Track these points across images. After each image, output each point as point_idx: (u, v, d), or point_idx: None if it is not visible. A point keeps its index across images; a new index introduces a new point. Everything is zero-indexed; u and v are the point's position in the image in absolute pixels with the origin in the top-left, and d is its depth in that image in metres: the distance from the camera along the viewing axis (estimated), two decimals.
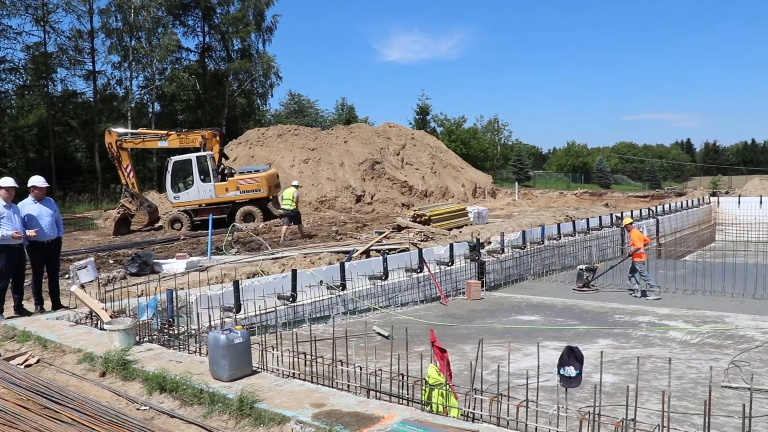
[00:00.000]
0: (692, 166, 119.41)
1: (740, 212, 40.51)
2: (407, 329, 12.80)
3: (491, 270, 18.75)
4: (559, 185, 78.80)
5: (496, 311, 15.66)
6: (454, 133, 77.34)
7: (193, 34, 62.31)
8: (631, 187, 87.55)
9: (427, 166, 42.65)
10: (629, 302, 16.68)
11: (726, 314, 14.95)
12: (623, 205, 43.84)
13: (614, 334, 13.20)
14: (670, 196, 51.21)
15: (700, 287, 17.82)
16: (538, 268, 20.81)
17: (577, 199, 48.82)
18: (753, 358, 11.30)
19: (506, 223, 26.95)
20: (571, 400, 8.52)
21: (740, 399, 9.18)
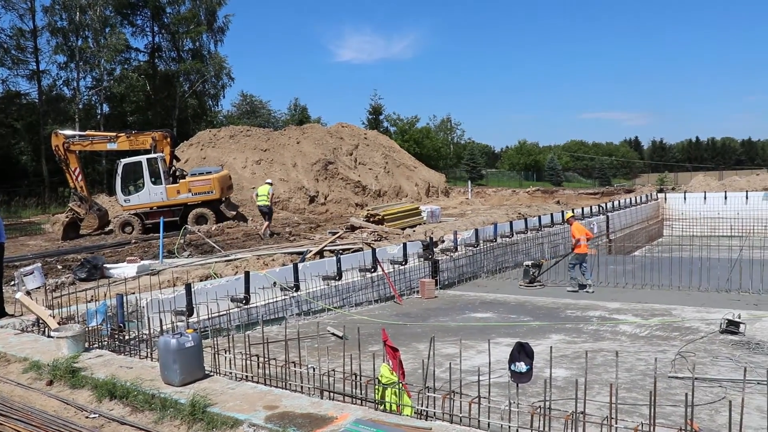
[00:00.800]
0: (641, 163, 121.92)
1: (686, 208, 41.57)
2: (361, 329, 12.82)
3: (445, 268, 18.88)
4: (511, 183, 79.67)
5: (450, 309, 15.77)
6: (408, 132, 77.57)
7: (142, 34, 61.44)
8: (582, 185, 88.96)
9: (380, 165, 42.73)
10: (581, 298, 16.96)
11: (673, 307, 15.31)
12: (574, 202, 44.57)
13: (566, 329, 13.41)
14: (619, 193, 52.25)
15: (648, 281, 18.20)
16: (492, 266, 21.02)
17: (529, 197, 49.46)
18: (698, 348, 11.61)
19: (459, 221, 27.16)
20: (524, 395, 8.65)
21: (686, 389, 9.40)
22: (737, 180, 51.16)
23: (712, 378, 9.82)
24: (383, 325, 13.88)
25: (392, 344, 6.47)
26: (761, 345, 11.75)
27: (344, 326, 12.22)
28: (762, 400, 8.92)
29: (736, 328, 12.49)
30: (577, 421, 5.26)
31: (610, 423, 5.15)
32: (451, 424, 5.68)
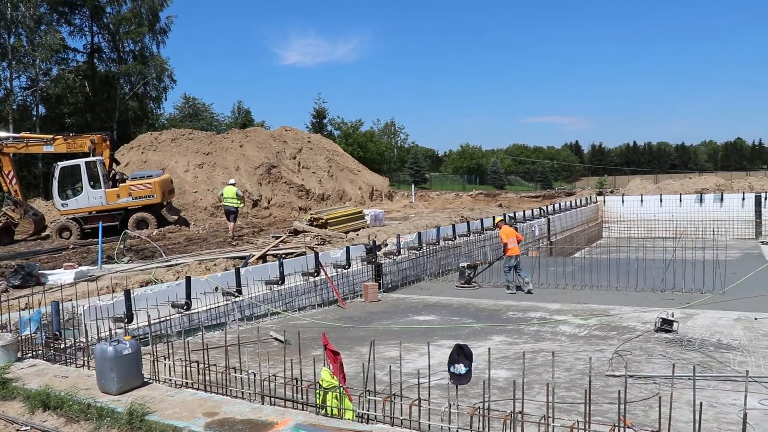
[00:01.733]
0: (581, 167, 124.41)
1: (624, 210, 42.67)
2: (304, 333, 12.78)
3: (388, 272, 18.96)
4: (455, 187, 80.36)
5: (393, 312, 15.84)
6: (351, 136, 77.61)
7: (80, 33, 59.82)
8: (524, 188, 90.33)
9: (323, 169, 42.64)
10: (522, 299, 17.22)
11: (611, 307, 15.68)
12: (516, 205, 45.22)
13: (508, 330, 13.61)
14: (560, 196, 53.22)
15: (588, 282, 18.61)
16: (435, 269, 21.19)
17: (472, 200, 49.99)
18: (634, 347, 11.92)
19: (403, 225, 27.30)
20: (466, 397, 8.76)
21: (623, 386, 9.65)
22: (672, 183, 52.68)
23: (647, 375, 10.09)
24: (327, 329, 13.88)
25: (333, 348, 6.48)
26: (693, 342, 12.14)
27: (286, 331, 12.17)
28: (691, 394, 9.21)
29: (670, 327, 12.87)
30: (515, 421, 5.35)
31: (547, 422, 5.25)
32: (392, 426, 5.72)
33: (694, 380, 5.50)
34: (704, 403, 8.85)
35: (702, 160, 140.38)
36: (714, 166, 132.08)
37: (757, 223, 39.98)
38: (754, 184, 49.15)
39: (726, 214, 40.13)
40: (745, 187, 47.14)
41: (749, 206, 40.52)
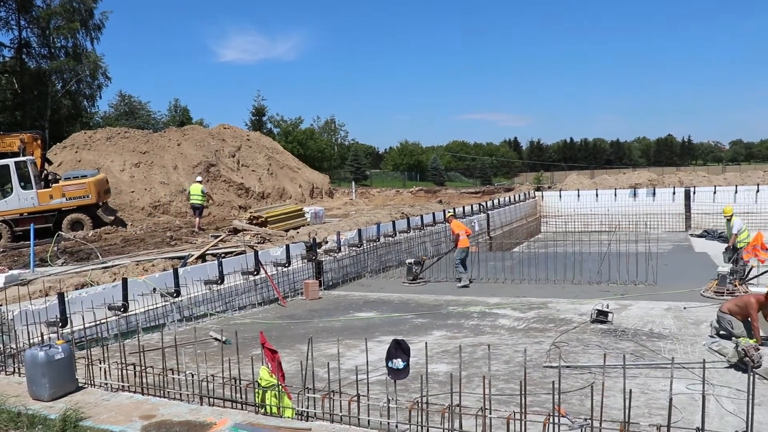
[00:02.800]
0: (519, 163, 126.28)
1: (562, 205, 43.53)
2: (244, 333, 12.69)
3: (329, 269, 18.94)
4: (395, 184, 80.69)
5: (334, 310, 15.84)
6: (291, 134, 77.18)
7: (6, 27, 57.71)
8: (464, 184, 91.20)
9: (263, 167, 42.29)
10: (462, 294, 17.40)
11: (549, 300, 16.00)
12: (456, 201, 45.68)
13: (448, 325, 13.75)
14: (499, 192, 53.97)
15: (526, 276, 18.93)
16: (375, 265, 21.25)
17: (412, 197, 50.27)
18: (571, 338, 12.20)
19: (343, 222, 27.29)
20: (407, 391, 8.81)
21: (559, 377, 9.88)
22: (607, 179, 53.89)
23: (583, 365, 10.34)
24: (267, 328, 13.80)
25: (271, 346, 6.45)
26: (627, 332, 12.49)
27: (224, 330, 12.05)
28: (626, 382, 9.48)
29: (605, 318, 13.21)
30: (453, 414, 5.42)
31: (484, 414, 5.33)
32: (331, 423, 5.74)
33: (624, 369, 5.66)
34: (636, 390, 9.16)
35: (636, 155, 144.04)
36: (647, 161, 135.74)
37: (687, 217, 41.32)
38: (683, 178, 50.70)
39: (658, 207, 41.34)
40: (676, 181, 48.62)
41: (679, 200, 41.83)
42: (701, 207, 40.74)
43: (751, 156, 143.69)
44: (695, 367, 10.04)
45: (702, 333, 12.33)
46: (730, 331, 11.60)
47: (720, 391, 9.01)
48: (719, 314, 12.01)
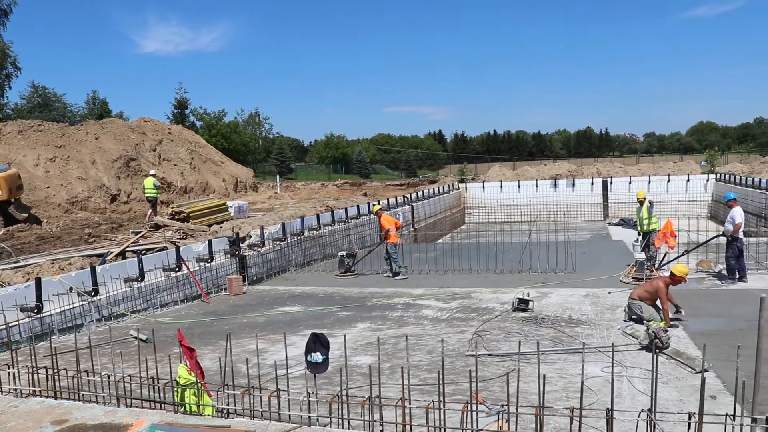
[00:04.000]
0: (444, 155, 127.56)
1: (485, 196, 44.25)
2: (165, 331, 12.48)
3: (253, 264, 18.73)
4: (320, 177, 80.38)
5: (258, 304, 15.69)
6: (215, 127, 75.89)
7: None
8: (389, 177, 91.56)
9: (185, 161, 41.49)
10: (387, 286, 17.48)
11: (472, 289, 16.24)
12: (382, 193, 45.87)
13: (372, 317, 13.80)
14: (424, 184, 54.46)
15: (450, 267, 19.15)
16: (300, 259, 21.13)
17: (338, 190, 50.20)
18: (493, 327, 12.43)
19: (267, 216, 27.04)
20: (330, 385, 8.82)
21: (482, 365, 10.06)
22: (529, 170, 55.10)
23: (504, 353, 10.54)
24: (190, 325, 13.58)
25: (188, 344, 6.34)
26: (547, 319, 12.80)
27: (147, 329, 11.80)
28: (545, 368, 9.73)
29: (526, 306, 13.51)
30: (373, 405, 5.44)
31: (403, 404, 5.37)
32: (251, 419, 5.68)
33: (538, 356, 5.78)
34: (555, 375, 9.43)
35: (557, 147, 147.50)
36: (567, 153, 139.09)
37: (605, 206, 42.66)
38: (601, 169, 52.35)
39: (577, 198, 42.51)
40: (594, 172, 50.15)
41: (597, 190, 43.13)
42: (618, 197, 42.10)
43: (663, 148, 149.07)
44: (609, 350, 10.37)
45: (617, 318, 12.75)
46: (641, 316, 12.07)
47: (632, 372, 9.35)
48: (630, 301, 12.48)
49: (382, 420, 5.49)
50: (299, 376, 8.84)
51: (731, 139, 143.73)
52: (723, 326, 11.88)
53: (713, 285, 15.93)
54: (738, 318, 12.06)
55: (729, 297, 14.37)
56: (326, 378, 9.00)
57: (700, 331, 11.71)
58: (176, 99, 78.32)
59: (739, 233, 15.95)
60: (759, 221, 31.19)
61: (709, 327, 11.96)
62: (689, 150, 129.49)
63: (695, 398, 7.72)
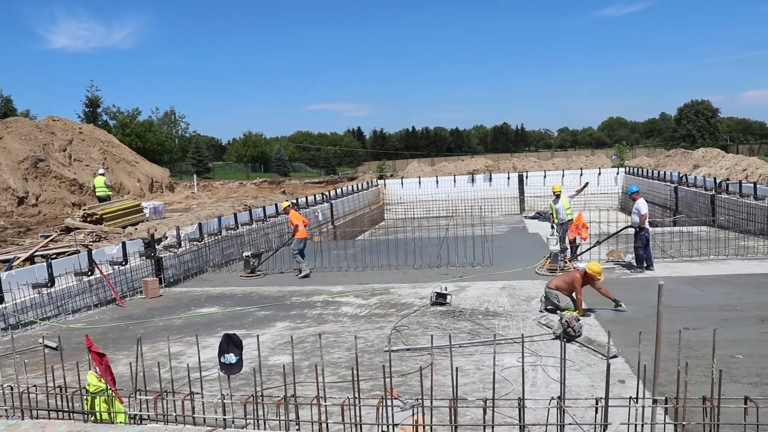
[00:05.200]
0: (363, 152, 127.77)
1: (404, 192, 44.62)
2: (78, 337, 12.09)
3: (169, 265, 18.34)
4: (239, 176, 79.31)
5: (175, 307, 15.38)
6: (129, 126, 73.84)
7: None
8: (308, 174, 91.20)
9: (98, 161, 40.22)
10: (306, 284, 17.40)
11: (391, 285, 16.35)
12: (301, 191, 45.64)
13: (291, 315, 13.73)
14: (343, 181, 54.46)
15: (369, 263, 19.22)
16: (218, 259, 20.82)
17: (256, 189, 49.70)
18: (412, 321, 12.55)
19: (184, 216, 26.54)
20: (249, 385, 8.73)
21: (401, 360, 10.15)
22: (447, 166, 55.86)
23: (422, 347, 10.65)
24: (104, 330, 13.21)
25: (97, 350, 6.16)
26: (464, 312, 13.01)
27: (55, 336, 11.41)
28: (462, 360, 9.90)
29: (444, 300, 13.69)
30: (289, 405, 5.42)
31: (319, 402, 5.37)
32: (165, 425, 5.57)
33: (451, 350, 5.87)
34: (472, 366, 9.60)
35: (474, 143, 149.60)
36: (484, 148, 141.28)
37: (521, 200, 43.69)
38: (517, 164, 53.54)
39: (494, 192, 43.38)
40: (510, 167, 51.27)
41: (514, 185, 44.11)
42: (533, 190, 43.20)
43: (576, 143, 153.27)
44: (525, 341, 10.62)
45: (533, 309, 13.08)
46: (557, 305, 12.42)
47: (547, 361, 9.60)
48: (546, 290, 12.83)
49: (299, 419, 5.47)
50: (217, 378, 8.71)
51: (639, 133, 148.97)
52: (633, 313, 12.33)
53: (623, 274, 16.52)
54: (645, 305, 12.54)
55: (637, 285, 14.93)
56: (245, 379, 8.92)
57: (611, 318, 12.15)
58: (87, 97, 75.81)
59: (645, 223, 16.60)
60: (665, 212, 32.53)
61: (620, 314, 12.41)
62: (600, 144, 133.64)
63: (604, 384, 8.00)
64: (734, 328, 11.12)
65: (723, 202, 25.51)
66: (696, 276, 15.84)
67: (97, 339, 12.41)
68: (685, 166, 43.57)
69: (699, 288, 14.52)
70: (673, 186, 32.58)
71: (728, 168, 36.21)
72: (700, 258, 17.99)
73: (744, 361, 9.36)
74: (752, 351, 9.77)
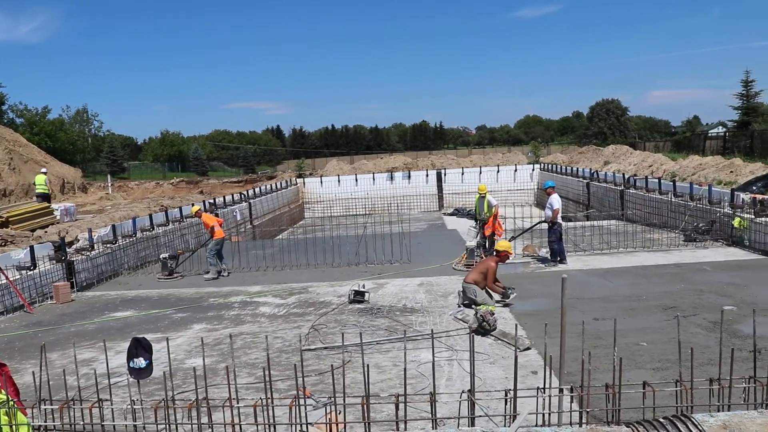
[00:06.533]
0: (283, 150, 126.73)
1: (323, 191, 44.54)
2: None
3: (81, 269, 17.78)
4: (155, 175, 77.48)
5: (88, 312, 14.93)
6: (38, 125, 71.10)
7: None
8: (227, 174, 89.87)
9: (4, 162, 38.61)
10: (224, 285, 17.17)
11: (310, 284, 16.32)
12: (219, 191, 45.01)
13: (209, 317, 13.54)
14: (262, 180, 53.94)
15: (288, 262, 19.11)
16: (133, 262, 20.31)
17: (173, 189, 48.73)
18: (330, 320, 12.58)
19: (98, 218, 25.80)
20: (164, 390, 8.56)
21: (319, 359, 10.16)
22: (366, 164, 56.04)
23: (339, 345, 10.68)
24: (10, 339, 12.71)
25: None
26: (382, 309, 13.11)
27: None
28: (380, 357, 10.00)
29: (362, 297, 13.76)
30: (199, 407, 5.36)
31: (231, 404, 5.33)
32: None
33: (362, 347, 5.91)
34: (389, 363, 9.70)
35: (394, 141, 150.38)
36: (404, 146, 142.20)
37: (440, 197, 44.25)
38: (435, 161, 54.22)
39: (413, 189, 43.82)
40: (429, 164, 51.87)
41: (432, 182, 44.65)
42: (452, 187, 43.83)
43: (494, 140, 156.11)
44: (439, 336, 10.82)
45: (450, 304, 13.29)
46: (474, 300, 12.66)
47: (463, 355, 9.78)
48: (464, 285, 13.06)
49: (211, 422, 5.42)
50: (130, 384, 8.52)
51: (554, 131, 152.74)
52: (547, 306, 12.69)
53: (537, 268, 16.96)
54: (559, 297, 12.87)
55: (551, 278, 15.36)
56: (160, 384, 8.75)
57: (526, 311, 12.47)
58: None
59: (558, 218, 17.10)
60: (578, 207, 33.55)
61: (535, 307, 12.76)
62: (517, 142, 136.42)
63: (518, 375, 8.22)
64: (640, 317, 11.60)
65: (631, 196, 26.50)
66: (606, 268, 16.43)
67: (3, 348, 11.96)
68: (596, 162, 45.04)
69: (609, 279, 15.06)
70: (586, 182, 33.63)
71: (636, 164, 37.63)
72: (610, 251, 18.66)
73: (648, 348, 9.78)
74: (656, 338, 10.21)
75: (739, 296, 12.83)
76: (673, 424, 4.19)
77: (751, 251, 17.56)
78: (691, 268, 15.98)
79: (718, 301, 12.51)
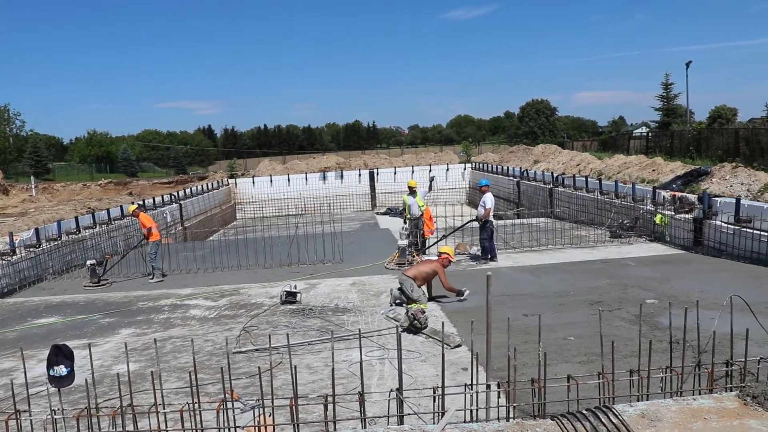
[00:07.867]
0: (214, 150, 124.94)
1: (255, 191, 44.17)
2: None
3: (2, 275, 17.15)
4: (82, 177, 75.34)
5: (9, 319, 14.41)
6: None
7: None
8: (157, 174, 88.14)
9: None
10: (154, 288, 16.81)
11: (241, 286, 16.14)
12: (149, 192, 44.17)
13: (137, 321, 13.26)
14: (193, 181, 53.11)
15: (219, 264, 18.87)
16: (58, 266, 19.70)
17: (101, 190, 47.60)
18: (262, 321, 12.48)
19: (20, 221, 24.98)
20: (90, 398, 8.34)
21: (250, 361, 10.07)
22: (298, 163, 55.78)
23: (269, 347, 10.59)
24: None
25: None
26: (314, 309, 13.09)
27: None
28: (312, 358, 9.98)
29: (294, 298, 13.70)
30: (124, 414, 5.24)
31: (157, 409, 5.24)
32: None
33: (289, 348, 5.90)
34: (321, 363, 9.69)
35: (327, 141, 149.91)
36: (337, 146, 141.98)
37: (372, 196, 44.41)
38: (368, 161, 54.33)
39: (346, 189, 43.86)
40: (361, 164, 51.94)
41: (365, 181, 44.76)
42: (384, 187, 44.02)
43: (426, 140, 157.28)
44: (369, 335, 10.86)
45: (382, 303, 13.34)
46: (409, 295, 12.72)
47: (394, 354, 9.78)
48: (402, 278, 13.08)
49: (137, 429, 5.31)
50: (53, 393, 8.27)
51: (485, 131, 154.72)
52: (477, 303, 12.82)
53: (469, 266, 17.19)
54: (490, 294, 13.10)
55: (483, 276, 15.47)
56: (84, 392, 8.52)
57: (457, 309, 12.61)
58: None
59: (489, 217, 17.35)
60: (509, 205, 34.12)
61: (466, 305, 12.90)
62: (449, 141, 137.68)
63: (448, 372, 8.31)
64: (568, 312, 11.88)
65: (559, 194, 27.11)
66: (536, 265, 16.77)
67: None
68: (526, 161, 45.85)
69: (538, 276, 15.38)
70: (516, 180, 34.25)
71: (564, 163, 38.46)
72: (539, 248, 19.06)
73: (575, 342, 10.03)
74: (582, 332, 10.47)
75: (660, 290, 13.28)
76: (595, 415, 4.32)
77: (672, 246, 18.21)
78: (617, 263, 16.46)
79: (641, 294, 12.92)
